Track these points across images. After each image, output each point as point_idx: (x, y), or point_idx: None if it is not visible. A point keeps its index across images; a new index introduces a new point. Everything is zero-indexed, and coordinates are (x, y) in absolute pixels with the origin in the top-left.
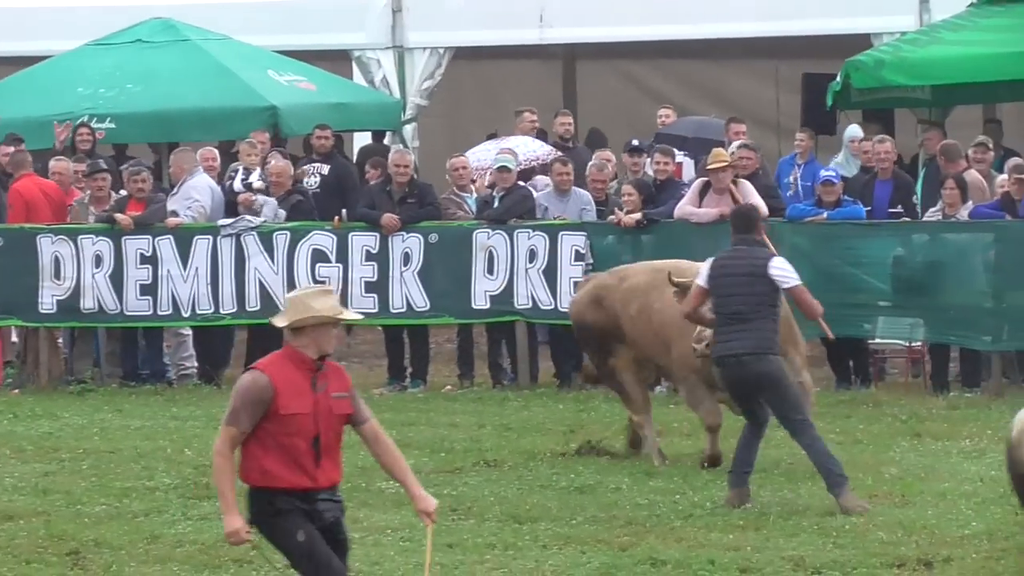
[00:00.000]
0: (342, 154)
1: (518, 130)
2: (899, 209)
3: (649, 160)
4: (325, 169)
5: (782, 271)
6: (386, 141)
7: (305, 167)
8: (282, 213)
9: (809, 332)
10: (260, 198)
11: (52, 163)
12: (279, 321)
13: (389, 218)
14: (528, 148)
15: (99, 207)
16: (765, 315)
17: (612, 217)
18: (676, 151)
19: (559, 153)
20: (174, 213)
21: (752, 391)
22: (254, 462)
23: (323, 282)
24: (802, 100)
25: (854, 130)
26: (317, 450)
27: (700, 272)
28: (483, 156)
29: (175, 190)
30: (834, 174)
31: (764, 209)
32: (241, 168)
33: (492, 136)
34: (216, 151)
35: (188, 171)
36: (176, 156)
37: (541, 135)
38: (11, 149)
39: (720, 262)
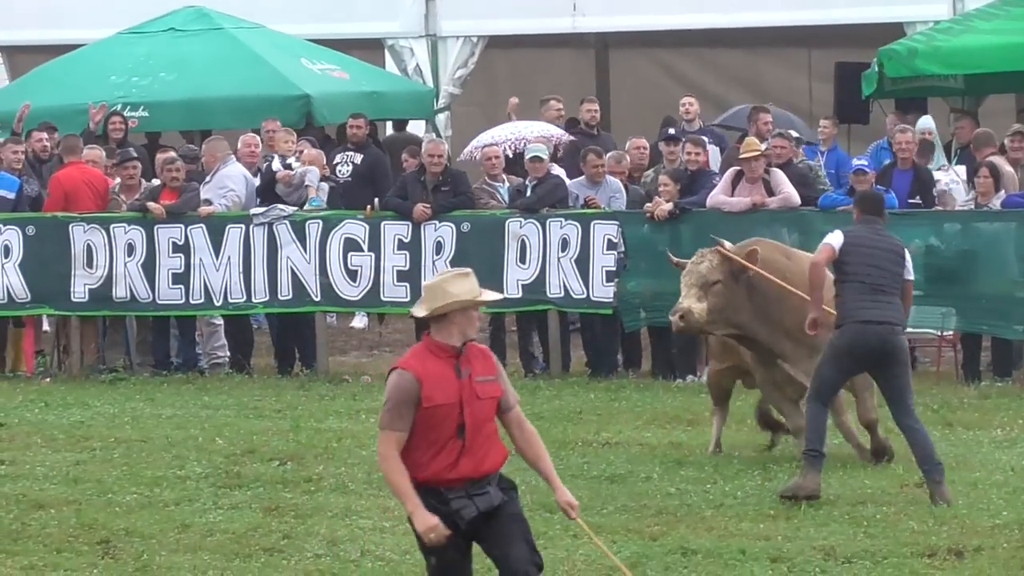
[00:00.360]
0: (377, 143)
1: (543, 118)
2: (917, 200)
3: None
4: (358, 158)
5: (910, 261)
6: (418, 129)
7: (338, 156)
8: (324, 186)
9: None
10: (300, 170)
11: (85, 151)
12: (419, 311)
13: (420, 210)
14: (547, 133)
15: (129, 196)
16: (898, 294)
17: (649, 206)
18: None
19: (570, 139)
20: (207, 202)
21: (879, 361)
22: (405, 458)
23: (356, 270)
24: (835, 89)
25: (926, 121)
26: (463, 438)
27: (835, 236)
28: (498, 135)
29: (208, 178)
30: (866, 163)
31: (796, 199)
32: (277, 156)
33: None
34: (258, 138)
35: (221, 159)
36: (209, 145)
37: (572, 123)
38: (44, 135)
39: (857, 236)
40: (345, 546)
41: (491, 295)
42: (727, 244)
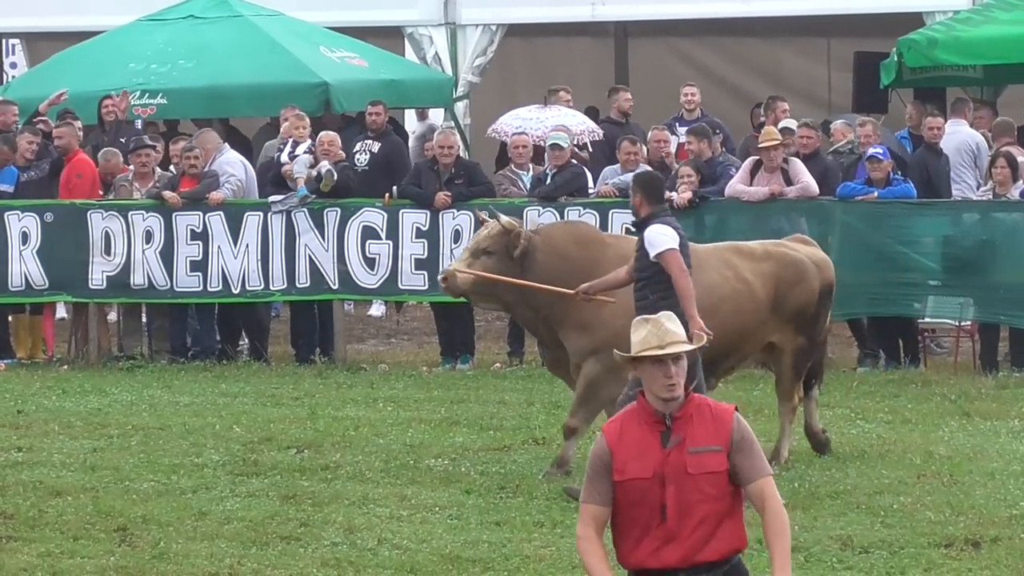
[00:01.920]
0: (397, 132)
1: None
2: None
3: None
4: (376, 147)
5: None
6: (438, 118)
7: (357, 144)
8: (327, 167)
9: (840, 312)
10: (303, 162)
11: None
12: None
13: (442, 198)
14: (575, 121)
15: (143, 183)
16: None
17: (672, 195)
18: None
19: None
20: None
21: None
22: (615, 541)
23: (374, 258)
24: (853, 79)
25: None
26: (666, 521)
27: (673, 237)
28: (526, 117)
29: (206, 168)
30: (881, 151)
31: (815, 188)
32: (290, 141)
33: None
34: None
35: (215, 150)
36: (200, 137)
37: (590, 112)
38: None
39: (682, 234)
40: (362, 534)
41: (680, 347)
42: (503, 218)
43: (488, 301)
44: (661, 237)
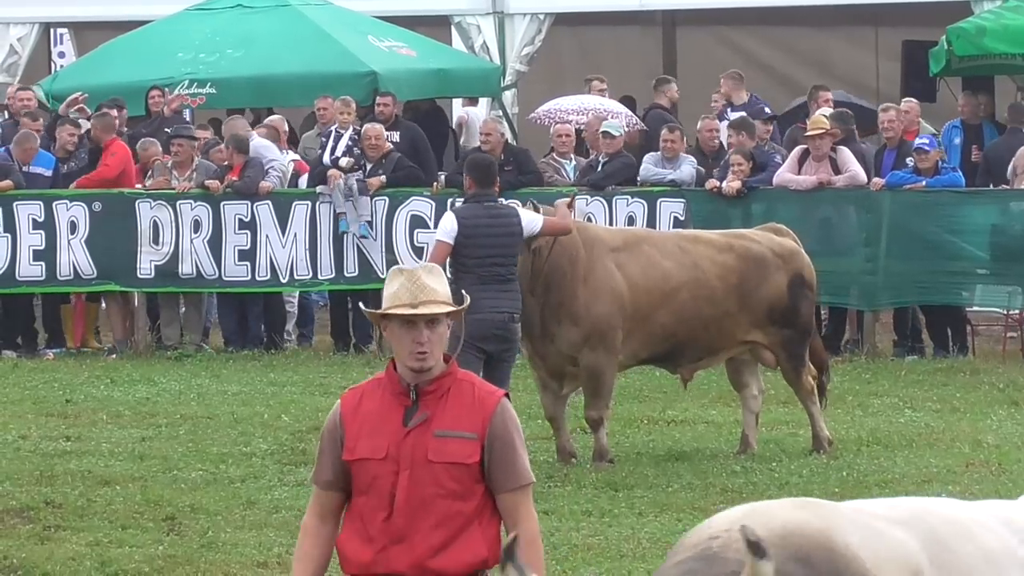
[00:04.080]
0: (440, 122)
1: None
2: None
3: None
4: (395, 136)
5: (530, 220)
6: (485, 107)
7: None
8: (365, 200)
9: (888, 300)
10: (343, 182)
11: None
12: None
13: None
14: (614, 107)
15: (181, 172)
16: (516, 279)
17: (711, 182)
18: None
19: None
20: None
21: (498, 349)
22: (339, 542)
23: (422, 247)
24: (902, 67)
25: None
26: (395, 515)
27: (449, 230)
28: (568, 104)
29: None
30: (928, 141)
31: (863, 176)
32: (333, 132)
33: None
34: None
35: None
36: (229, 124)
37: (627, 102)
38: (113, 111)
39: (472, 222)
40: None
41: (434, 307)
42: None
43: None
44: (440, 226)
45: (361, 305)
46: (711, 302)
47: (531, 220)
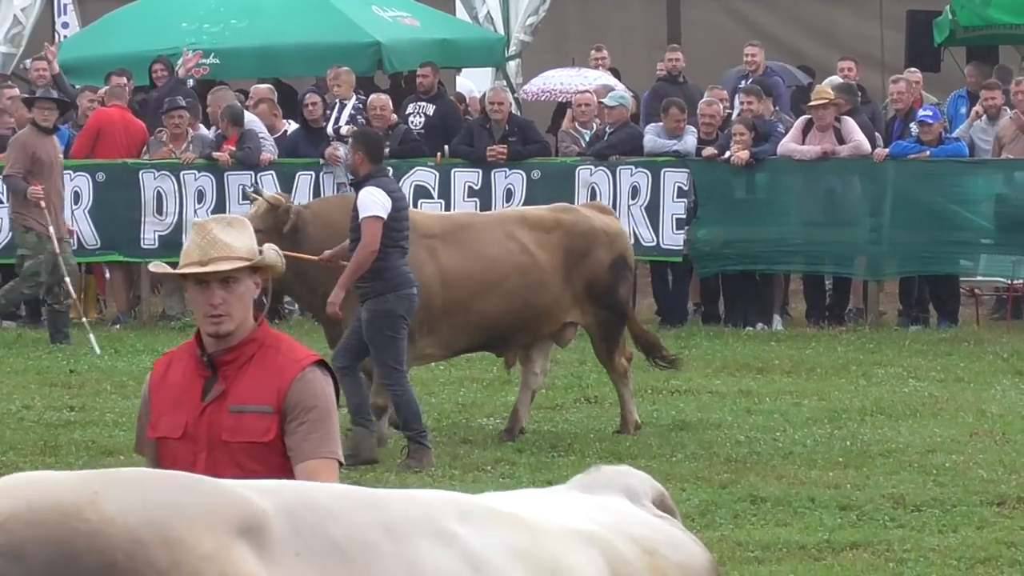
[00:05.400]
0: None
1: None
2: None
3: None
4: (430, 109)
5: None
6: (489, 78)
7: (410, 107)
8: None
9: (892, 270)
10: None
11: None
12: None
13: (497, 151)
14: (605, 80)
15: (177, 145)
16: None
17: (708, 150)
18: None
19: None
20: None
21: None
22: None
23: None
24: (906, 37)
25: None
26: None
27: (382, 204)
28: (565, 81)
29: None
30: (931, 113)
31: (867, 146)
32: (337, 104)
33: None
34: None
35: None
36: (215, 96)
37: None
38: (123, 79)
39: (397, 197)
40: None
41: (227, 263)
42: (267, 194)
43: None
44: (372, 202)
45: (151, 266)
46: (540, 288)
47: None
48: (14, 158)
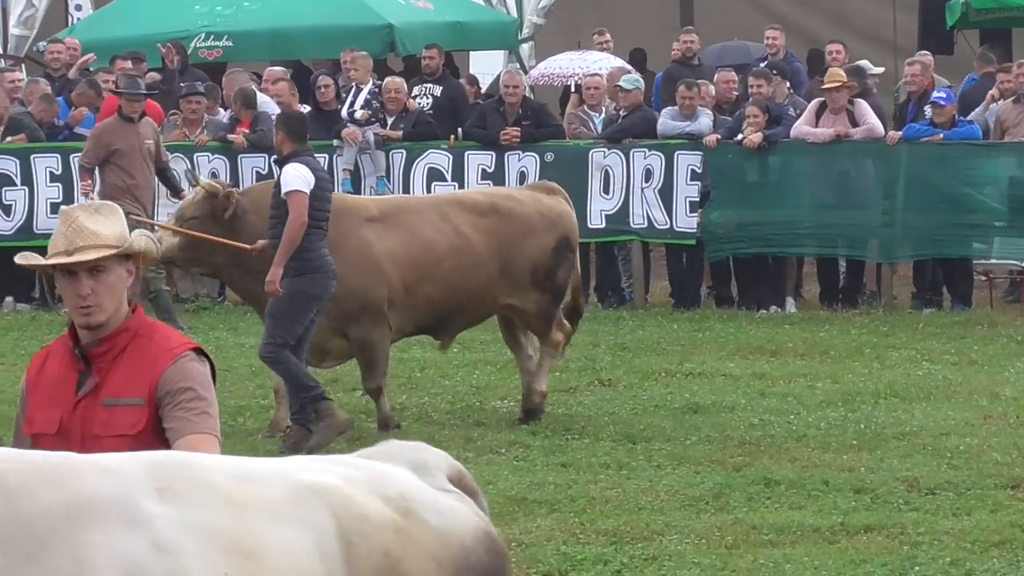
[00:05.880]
0: (454, 74)
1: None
2: None
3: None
4: (437, 90)
5: None
6: (502, 60)
7: (416, 88)
8: (380, 156)
9: (906, 253)
10: (361, 133)
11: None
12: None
13: (512, 133)
14: (610, 63)
15: (192, 130)
16: None
17: (710, 137)
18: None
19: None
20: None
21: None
22: None
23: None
24: (919, 20)
25: None
26: None
27: (306, 180)
28: (565, 65)
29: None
30: (944, 95)
31: (880, 129)
32: (353, 88)
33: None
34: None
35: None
36: (229, 79)
37: (638, 55)
38: (128, 63)
39: (320, 176)
40: None
41: (89, 253)
42: (204, 182)
43: (198, 266)
44: (295, 177)
45: (17, 257)
46: (476, 270)
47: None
48: (88, 148)
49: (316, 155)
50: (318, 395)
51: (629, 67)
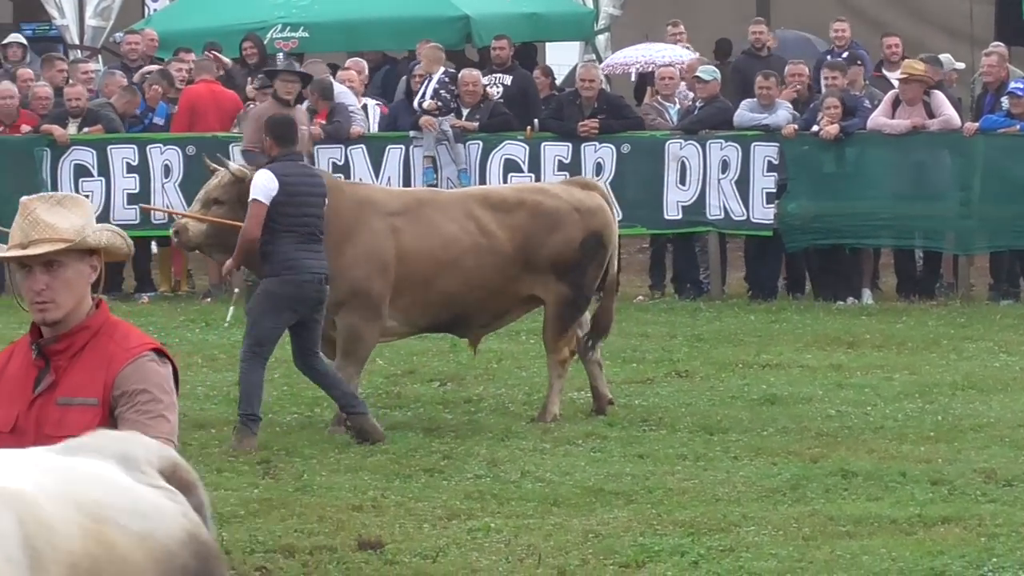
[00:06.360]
0: (524, 66)
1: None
2: None
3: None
4: (507, 80)
5: None
6: (578, 51)
7: (486, 79)
8: (460, 149)
9: (983, 245)
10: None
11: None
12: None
13: (590, 125)
14: (673, 55)
15: None
16: (323, 240)
17: (788, 127)
18: None
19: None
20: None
21: (310, 310)
22: None
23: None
24: (995, 10)
25: None
26: None
27: (266, 189)
28: (630, 55)
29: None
30: (1021, 86)
31: (957, 120)
32: (428, 80)
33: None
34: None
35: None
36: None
37: (724, 45)
38: (192, 56)
39: (291, 181)
40: (505, 467)
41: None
42: (232, 166)
43: (226, 252)
44: (255, 185)
45: None
46: (498, 269)
47: None
48: (250, 133)
49: (393, 146)
50: (251, 417)
51: (704, 58)
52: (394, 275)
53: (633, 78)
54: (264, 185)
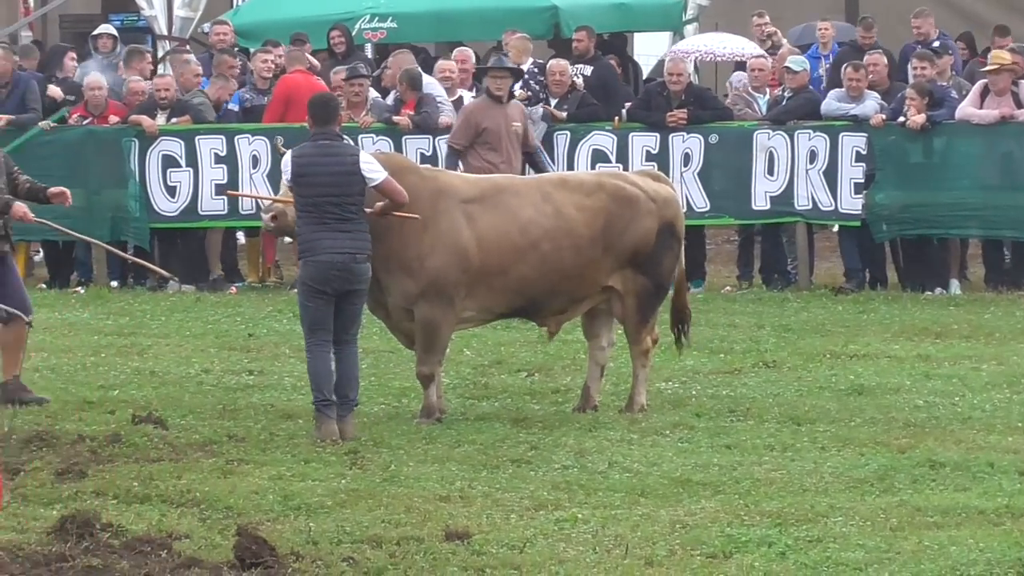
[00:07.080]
0: (622, 56)
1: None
2: None
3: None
4: (588, 71)
5: (370, 168)
6: (666, 42)
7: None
8: (543, 126)
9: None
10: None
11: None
12: None
13: (678, 115)
14: (734, 45)
15: (356, 112)
16: (361, 217)
17: (876, 117)
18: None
19: (761, 53)
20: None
21: (343, 292)
22: None
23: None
24: None
25: None
26: None
27: (283, 169)
28: (688, 45)
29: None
30: None
31: None
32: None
33: None
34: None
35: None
36: (396, 58)
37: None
38: (280, 50)
39: (307, 161)
40: (592, 457)
41: None
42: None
43: None
44: (282, 166)
45: None
46: (576, 252)
47: (371, 168)
48: (458, 128)
49: None
50: (324, 402)
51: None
52: (472, 263)
53: (691, 68)
54: (284, 166)
